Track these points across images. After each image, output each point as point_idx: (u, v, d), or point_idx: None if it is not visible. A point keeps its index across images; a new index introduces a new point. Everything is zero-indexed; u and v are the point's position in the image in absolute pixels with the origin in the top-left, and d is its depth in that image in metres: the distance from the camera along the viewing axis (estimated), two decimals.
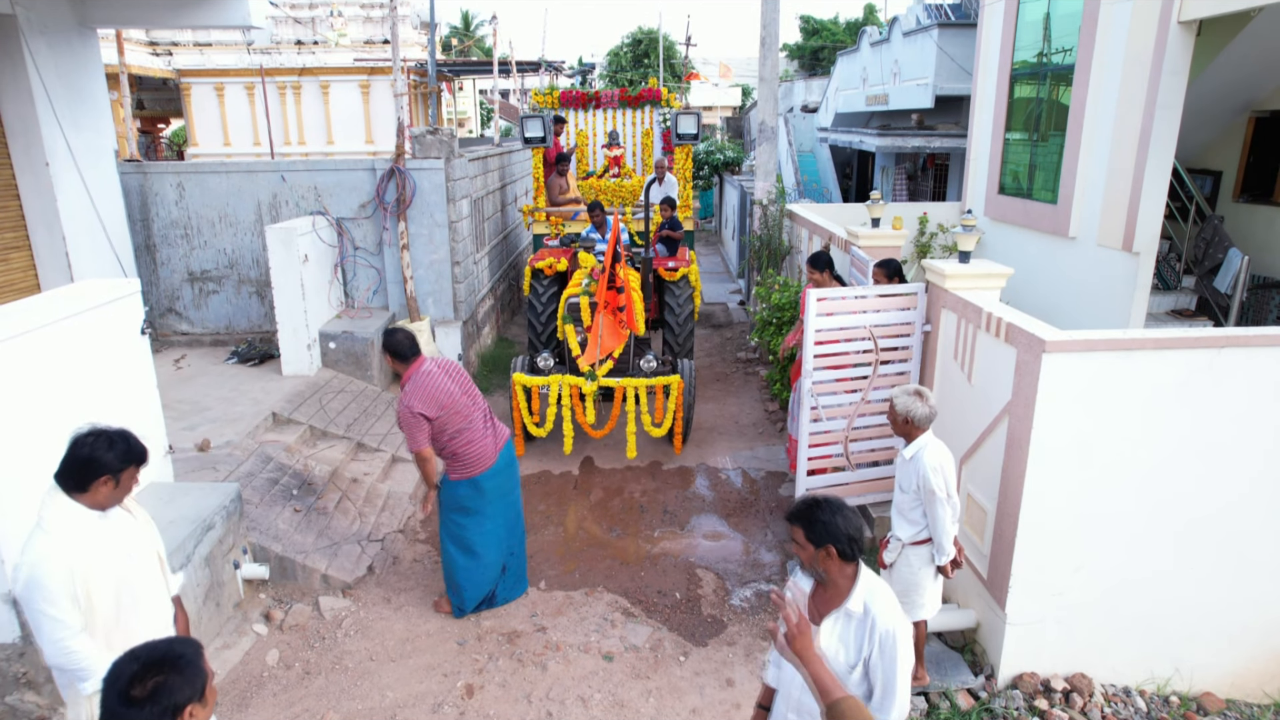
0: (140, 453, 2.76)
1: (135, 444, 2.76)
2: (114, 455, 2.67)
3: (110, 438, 2.68)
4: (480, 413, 4.85)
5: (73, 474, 2.65)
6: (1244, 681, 4.48)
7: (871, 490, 5.82)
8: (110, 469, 2.67)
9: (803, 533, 2.50)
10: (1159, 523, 4.22)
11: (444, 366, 4.75)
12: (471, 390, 4.85)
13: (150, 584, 2.90)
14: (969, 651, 4.69)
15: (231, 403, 6.93)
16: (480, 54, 34.74)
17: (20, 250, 7.18)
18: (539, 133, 9.45)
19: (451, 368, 4.79)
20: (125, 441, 2.72)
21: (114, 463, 2.67)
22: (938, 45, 13.08)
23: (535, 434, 7.29)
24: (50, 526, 2.64)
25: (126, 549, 2.80)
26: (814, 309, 5.26)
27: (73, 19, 7.45)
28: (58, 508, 2.66)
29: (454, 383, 4.72)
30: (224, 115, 19.47)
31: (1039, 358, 3.97)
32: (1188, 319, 8.11)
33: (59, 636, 2.60)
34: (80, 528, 2.67)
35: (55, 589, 2.56)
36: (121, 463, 2.69)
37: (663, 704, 4.37)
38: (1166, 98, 6.64)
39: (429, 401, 4.56)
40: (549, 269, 8.52)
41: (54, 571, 2.57)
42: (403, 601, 5.28)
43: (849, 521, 2.47)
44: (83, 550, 2.64)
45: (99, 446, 2.65)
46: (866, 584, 2.50)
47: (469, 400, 4.78)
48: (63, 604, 2.58)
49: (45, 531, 2.63)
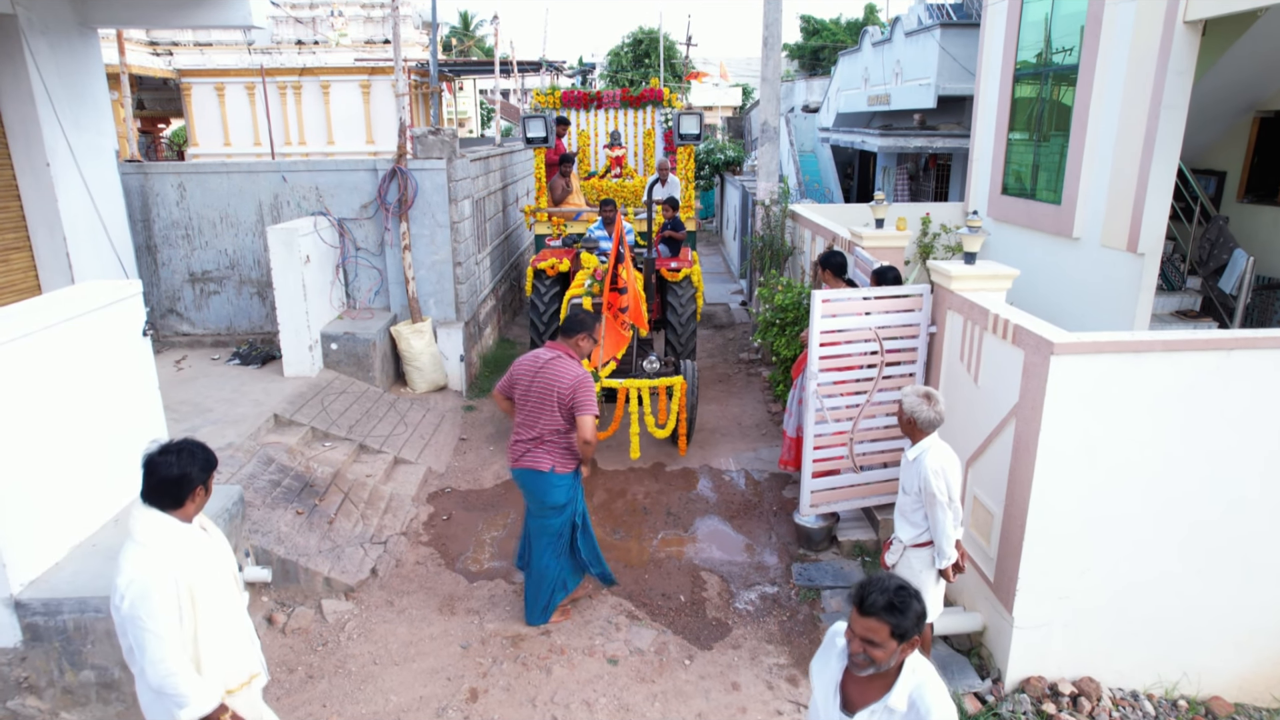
0: (214, 459, 2.87)
1: (209, 451, 2.86)
2: (198, 467, 2.78)
3: (190, 450, 2.79)
4: (523, 417, 4.70)
5: (168, 493, 2.72)
6: (1252, 685, 4.45)
7: (876, 493, 5.80)
8: (199, 480, 2.78)
9: (890, 629, 2.03)
10: (1166, 526, 4.20)
11: (536, 358, 4.66)
12: (538, 392, 4.59)
13: (232, 596, 2.96)
14: (975, 655, 4.66)
15: (233, 404, 6.91)
16: (480, 54, 34.73)
17: (21, 251, 7.15)
18: (541, 133, 9.43)
19: (545, 363, 4.60)
20: (204, 451, 2.83)
21: (200, 474, 2.79)
22: (940, 45, 13.05)
23: None
24: (147, 539, 2.67)
25: (215, 556, 2.87)
26: (819, 310, 5.23)
27: (73, 19, 7.42)
28: (150, 521, 2.71)
29: (530, 373, 4.62)
30: (224, 115, 19.45)
31: (1047, 360, 3.94)
32: (1192, 320, 8.09)
33: (162, 655, 2.58)
34: (177, 539, 2.73)
35: (161, 603, 2.58)
36: (204, 472, 2.81)
37: (668, 708, 4.34)
38: (1171, 98, 6.62)
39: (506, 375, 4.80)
40: (551, 269, 8.50)
41: (160, 583, 2.59)
42: (406, 605, 5.25)
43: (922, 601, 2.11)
44: (184, 559, 2.69)
45: (185, 462, 2.74)
46: (914, 674, 2.14)
47: (524, 398, 4.66)
48: (168, 620, 2.60)
49: (143, 545, 2.66)
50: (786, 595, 5.38)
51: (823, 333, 5.29)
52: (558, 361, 4.59)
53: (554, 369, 4.57)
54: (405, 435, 7.50)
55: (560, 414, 4.57)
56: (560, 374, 4.54)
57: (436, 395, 8.65)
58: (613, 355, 7.02)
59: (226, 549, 3.02)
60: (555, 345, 4.70)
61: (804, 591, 5.38)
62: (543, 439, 4.64)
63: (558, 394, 4.53)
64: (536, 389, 4.59)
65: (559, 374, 4.54)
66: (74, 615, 3.86)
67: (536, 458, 4.65)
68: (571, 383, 4.51)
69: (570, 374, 4.54)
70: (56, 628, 3.87)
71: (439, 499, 6.74)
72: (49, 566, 4.06)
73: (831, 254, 6.22)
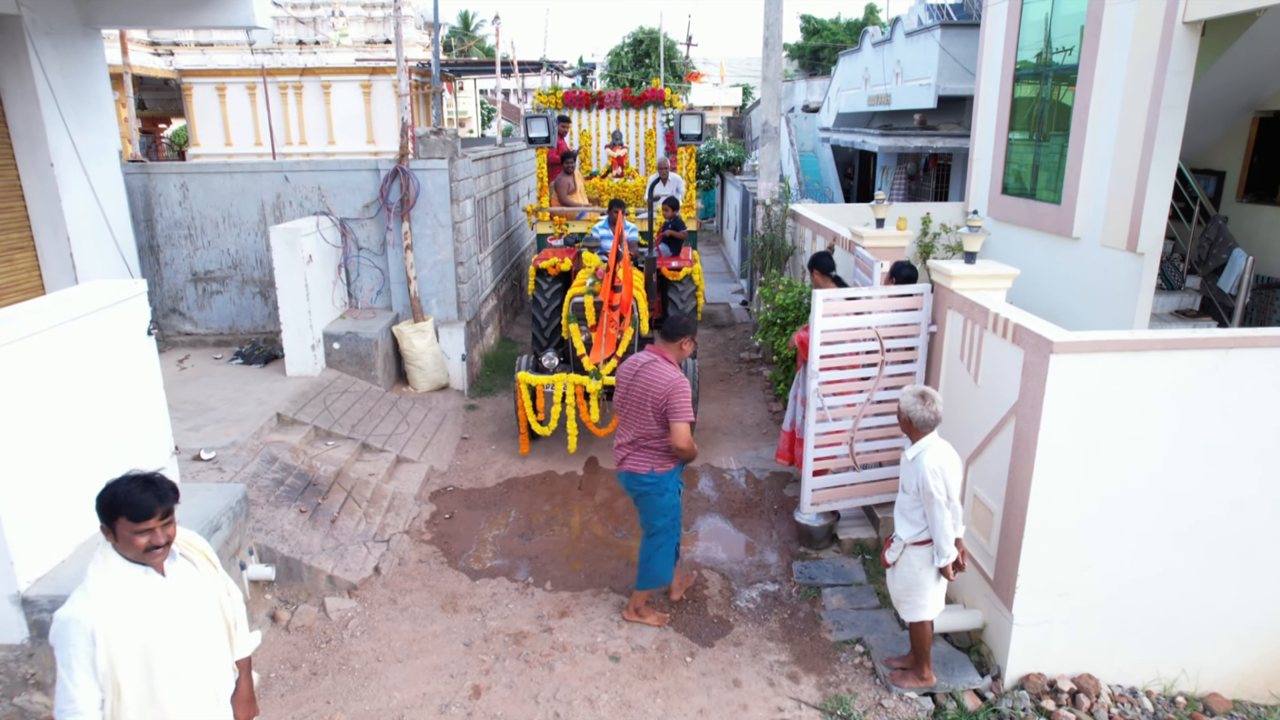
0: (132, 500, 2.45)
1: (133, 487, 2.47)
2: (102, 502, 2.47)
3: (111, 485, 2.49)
4: (622, 421, 4.75)
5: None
6: (1251, 682, 4.48)
7: (876, 491, 5.82)
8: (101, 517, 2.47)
9: None
10: (1166, 523, 4.22)
11: (634, 362, 4.70)
12: (635, 396, 4.62)
13: (201, 649, 2.66)
14: (975, 652, 4.69)
15: (236, 403, 6.94)
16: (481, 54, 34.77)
17: (25, 251, 7.18)
18: (543, 133, 9.46)
19: (642, 367, 4.63)
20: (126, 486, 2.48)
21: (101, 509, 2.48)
22: (940, 45, 13.08)
23: (540, 432, 7.31)
24: (89, 583, 2.47)
25: (179, 608, 2.58)
26: (819, 309, 5.26)
27: (77, 19, 7.44)
28: (104, 565, 2.50)
29: (628, 377, 4.67)
30: (225, 115, 19.48)
31: (1047, 359, 3.97)
32: (1192, 319, 8.11)
33: (61, 708, 2.43)
34: (122, 587, 2.47)
35: (73, 654, 2.40)
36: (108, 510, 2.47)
37: (670, 704, 4.37)
38: (1171, 98, 6.64)
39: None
40: (553, 268, 8.51)
41: (75, 636, 2.40)
42: (409, 602, 5.28)
43: None
44: (115, 613, 2.44)
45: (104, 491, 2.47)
46: None
47: (622, 401, 4.71)
48: (78, 673, 2.40)
49: (82, 589, 2.47)
50: (787, 593, 5.40)
51: (824, 331, 5.31)
52: (654, 366, 4.60)
53: (650, 373, 4.58)
54: (407, 434, 7.53)
55: (655, 418, 4.57)
56: (655, 378, 4.55)
57: (438, 394, 8.68)
58: (611, 353, 7.06)
59: (218, 586, 2.76)
60: (654, 349, 4.69)
61: (805, 589, 5.40)
62: (638, 443, 4.67)
63: (652, 398, 4.54)
64: (634, 393, 4.61)
65: (654, 378, 4.55)
66: None
67: (636, 461, 4.69)
68: (665, 387, 4.50)
69: (665, 378, 4.53)
70: None
71: (441, 497, 6.77)
72: (55, 563, 4.09)
73: (818, 255, 6.32)
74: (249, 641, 2.94)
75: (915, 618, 4.26)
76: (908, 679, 4.42)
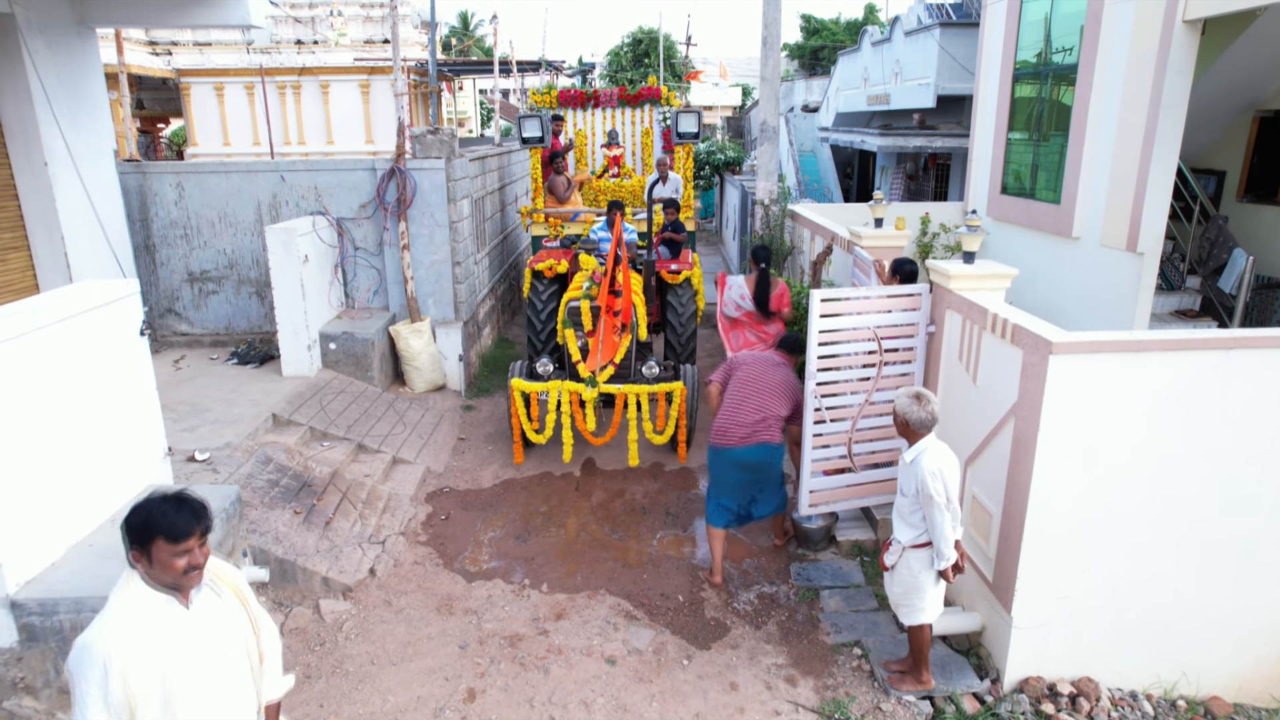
0: (163, 523, 2.34)
1: (167, 508, 2.36)
2: (131, 525, 2.36)
3: (145, 503, 2.38)
4: (748, 403, 5.32)
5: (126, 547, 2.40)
6: (1251, 685, 4.45)
7: (875, 492, 5.79)
8: (130, 542, 2.36)
9: None
10: (1166, 525, 4.19)
11: (768, 357, 5.56)
12: (776, 383, 5.37)
13: (223, 685, 2.49)
14: (974, 655, 4.65)
15: (231, 404, 6.90)
16: (480, 54, 34.74)
17: (19, 250, 7.15)
18: (537, 133, 9.37)
19: (778, 364, 5.48)
20: (160, 506, 2.37)
21: (130, 535, 2.36)
22: (939, 45, 13.05)
23: (535, 441, 7.10)
24: (111, 608, 2.36)
25: (200, 640, 2.44)
26: (817, 309, 5.22)
27: (71, 18, 7.41)
28: (125, 591, 2.38)
29: (763, 366, 5.44)
30: (224, 115, 19.45)
31: (1046, 359, 3.93)
32: (1192, 320, 8.08)
33: None
34: (142, 614, 2.35)
35: (87, 686, 2.28)
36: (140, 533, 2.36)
37: (666, 708, 4.34)
38: (1171, 97, 6.61)
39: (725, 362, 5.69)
40: (549, 271, 8.41)
41: (88, 664, 2.28)
42: (404, 604, 5.24)
43: None
44: (133, 641, 2.32)
45: (131, 514, 2.36)
46: None
47: (755, 384, 5.35)
48: (91, 707, 2.28)
49: (102, 615, 2.36)
50: (785, 595, 5.37)
51: (821, 332, 5.28)
52: (789, 368, 5.51)
53: (789, 372, 5.47)
54: (404, 435, 7.50)
55: (788, 405, 5.40)
56: (792, 377, 5.48)
57: (435, 395, 8.65)
58: (610, 359, 6.95)
59: (247, 622, 2.60)
60: (783, 355, 5.60)
61: (802, 591, 5.37)
62: (767, 420, 5.32)
63: (793, 391, 5.42)
64: (775, 381, 5.37)
65: (795, 379, 5.48)
66: (70, 615, 3.84)
67: (771, 433, 5.34)
68: (801, 388, 5.46)
69: (799, 381, 5.49)
70: (52, 628, 3.86)
71: (437, 499, 6.73)
72: (45, 566, 4.05)
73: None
74: (280, 684, 2.74)
75: (914, 621, 4.23)
76: (906, 682, 4.38)
